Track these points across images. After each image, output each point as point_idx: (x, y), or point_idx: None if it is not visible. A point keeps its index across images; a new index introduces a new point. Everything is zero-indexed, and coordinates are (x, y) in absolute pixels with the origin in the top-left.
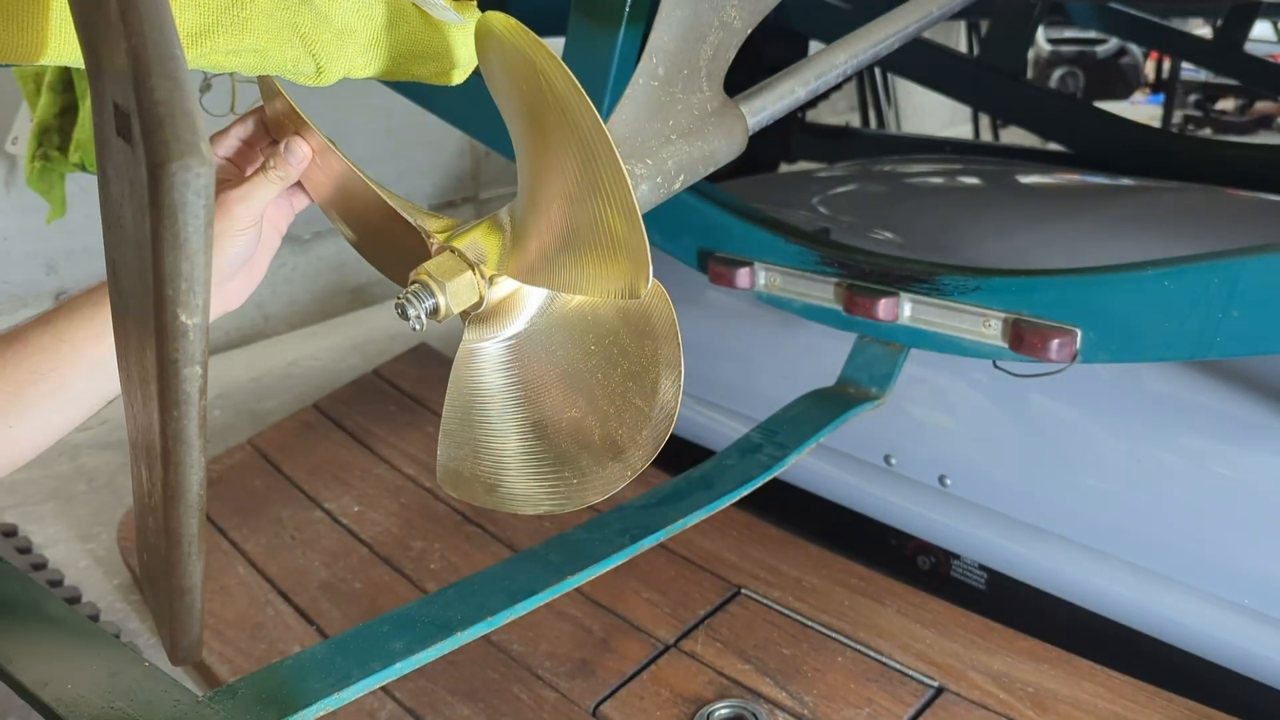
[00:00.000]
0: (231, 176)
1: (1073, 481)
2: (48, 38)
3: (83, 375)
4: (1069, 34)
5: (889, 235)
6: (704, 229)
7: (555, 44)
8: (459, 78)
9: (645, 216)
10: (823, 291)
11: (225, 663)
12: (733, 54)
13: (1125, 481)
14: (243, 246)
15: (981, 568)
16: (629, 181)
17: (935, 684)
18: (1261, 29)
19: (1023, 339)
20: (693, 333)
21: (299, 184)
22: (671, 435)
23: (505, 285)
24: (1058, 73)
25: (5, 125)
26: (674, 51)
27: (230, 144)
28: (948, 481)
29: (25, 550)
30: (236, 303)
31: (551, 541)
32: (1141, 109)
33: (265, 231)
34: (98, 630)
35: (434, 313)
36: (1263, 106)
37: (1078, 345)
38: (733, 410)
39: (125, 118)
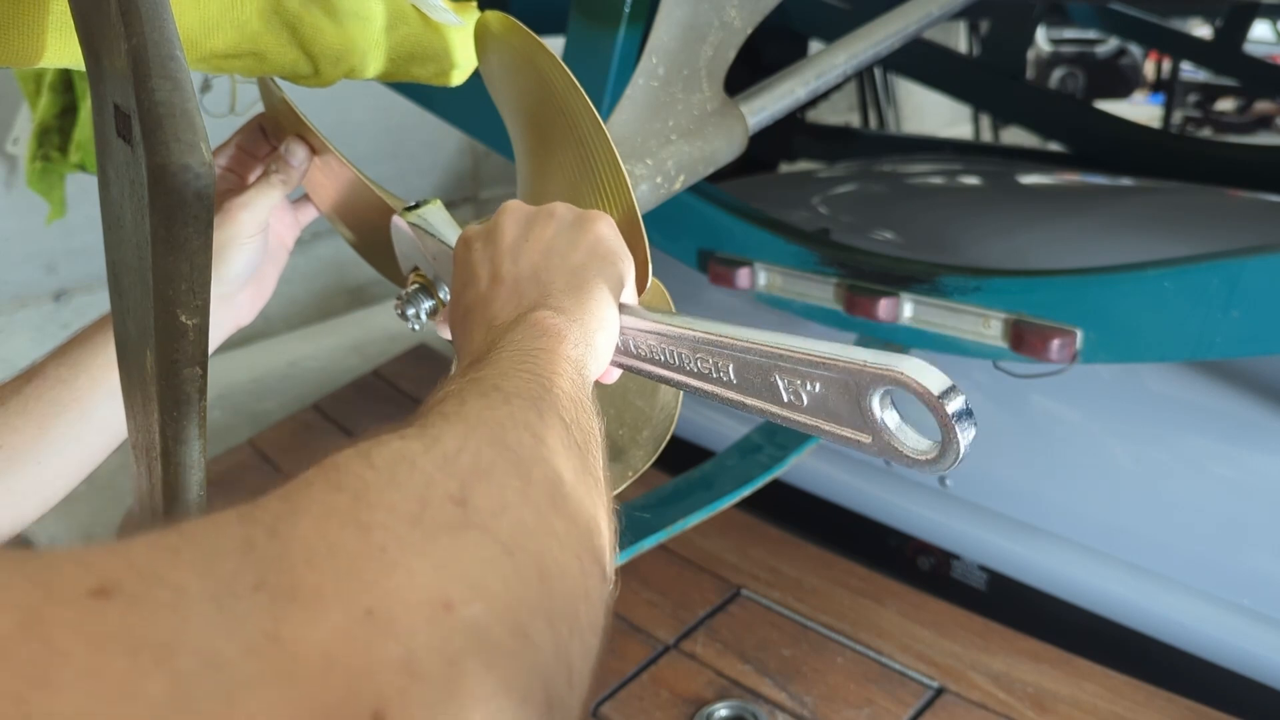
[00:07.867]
0: (234, 186)
1: (1073, 481)
2: (48, 40)
3: (104, 402)
4: (1069, 34)
5: (889, 235)
6: (704, 229)
7: (555, 44)
8: (458, 79)
9: (645, 216)
10: (823, 292)
11: None
12: (733, 54)
13: (1125, 481)
14: (249, 255)
15: (981, 568)
16: (629, 181)
17: (935, 684)
18: (1261, 29)
19: (1023, 339)
20: None
21: (306, 196)
22: (672, 436)
23: None
24: (1058, 73)
25: (5, 125)
26: (674, 51)
27: (231, 153)
28: (948, 482)
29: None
30: (248, 317)
31: None
32: (1141, 109)
33: (272, 245)
34: None
35: (433, 313)
36: (1263, 106)
37: (1078, 345)
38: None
39: (125, 118)
